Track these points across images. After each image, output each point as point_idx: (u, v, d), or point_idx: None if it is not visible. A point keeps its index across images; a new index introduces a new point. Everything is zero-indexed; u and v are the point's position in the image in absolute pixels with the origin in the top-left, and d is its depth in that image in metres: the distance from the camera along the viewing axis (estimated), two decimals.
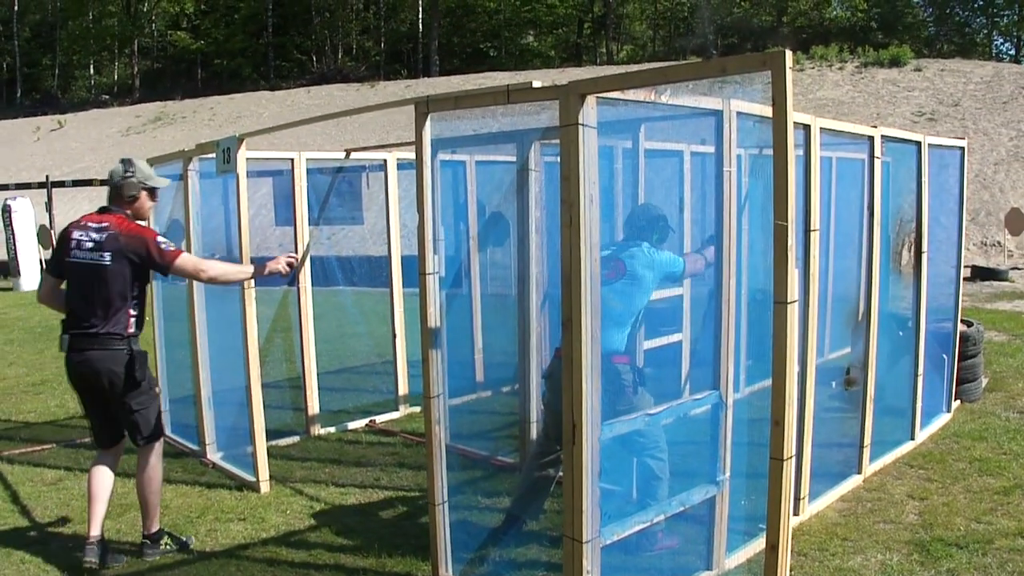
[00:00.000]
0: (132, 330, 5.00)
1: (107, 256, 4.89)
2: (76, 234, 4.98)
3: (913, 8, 48.84)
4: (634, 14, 56.75)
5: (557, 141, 3.71)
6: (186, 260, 5.11)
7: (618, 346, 4.85)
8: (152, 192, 5.24)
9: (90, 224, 5.00)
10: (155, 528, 5.24)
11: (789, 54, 2.99)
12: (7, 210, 21.98)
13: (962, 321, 7.93)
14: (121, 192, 5.09)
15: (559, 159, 3.66)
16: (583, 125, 3.50)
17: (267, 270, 5.48)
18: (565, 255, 3.59)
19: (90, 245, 4.92)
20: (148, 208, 5.26)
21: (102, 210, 5.11)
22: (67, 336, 5.00)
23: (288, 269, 5.53)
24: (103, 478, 5.11)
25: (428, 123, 4.36)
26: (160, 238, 5.04)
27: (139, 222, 5.13)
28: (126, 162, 5.16)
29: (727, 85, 4.18)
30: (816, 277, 5.05)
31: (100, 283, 4.90)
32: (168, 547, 5.24)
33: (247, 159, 6.12)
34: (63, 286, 5.13)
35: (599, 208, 3.59)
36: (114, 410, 5.07)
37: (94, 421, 5.22)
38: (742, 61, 3.18)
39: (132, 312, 4.99)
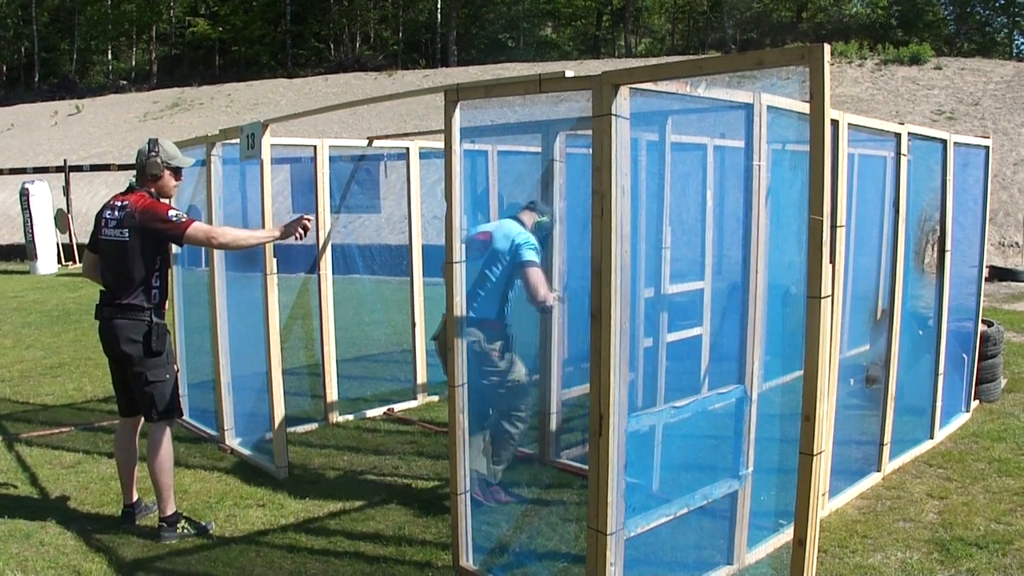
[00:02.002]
0: (154, 302, 5.25)
1: (126, 232, 5.15)
2: (106, 213, 5.27)
3: (933, 6, 48.54)
4: (653, 7, 56.53)
5: (584, 132, 3.70)
6: (198, 228, 5.27)
7: (489, 313, 5.40)
8: (176, 172, 5.44)
9: (115, 203, 5.27)
10: (170, 511, 5.29)
11: (827, 48, 2.96)
12: (25, 194, 22.07)
13: (982, 321, 7.89)
14: (145, 171, 5.31)
15: (583, 150, 3.65)
16: (616, 115, 3.49)
17: (281, 232, 5.52)
18: (595, 246, 3.58)
19: (113, 223, 5.20)
20: (172, 187, 5.46)
21: (129, 189, 5.34)
22: (100, 306, 5.30)
23: (303, 232, 5.58)
24: (122, 449, 5.51)
25: (457, 111, 4.36)
26: (172, 211, 5.24)
27: (162, 200, 5.36)
28: (151, 142, 5.36)
29: (746, 79, 4.16)
30: (841, 273, 5.05)
31: (123, 257, 5.17)
32: (185, 530, 5.27)
33: (271, 145, 6.13)
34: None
35: (630, 199, 3.58)
36: (131, 380, 5.30)
37: (116, 387, 5.52)
38: (780, 55, 3.15)
39: (154, 284, 5.25)
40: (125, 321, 5.17)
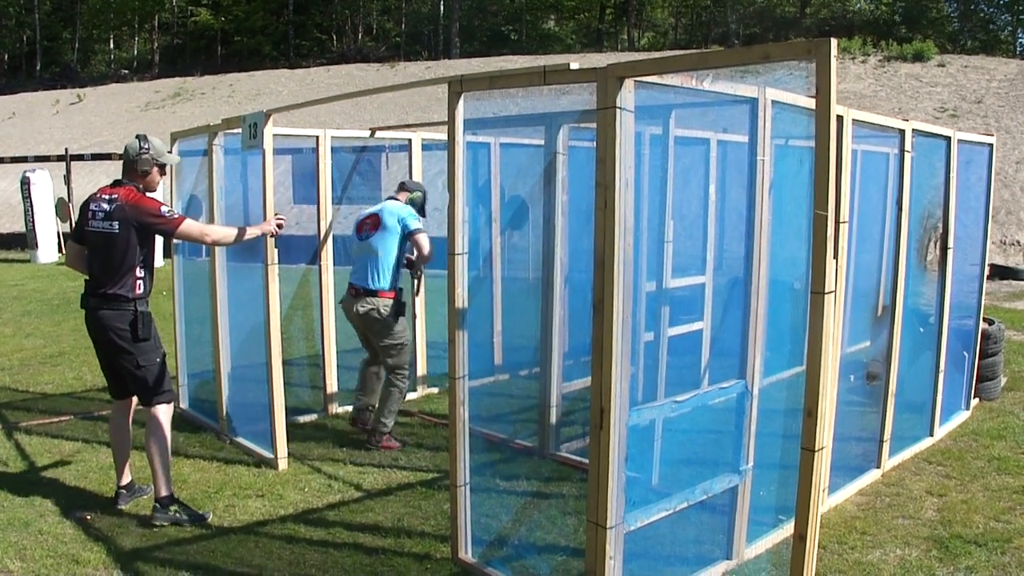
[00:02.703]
0: (139, 292, 5.38)
1: (115, 225, 5.26)
2: (93, 205, 5.38)
3: (937, 3, 48.43)
4: (656, 1, 56.35)
5: (589, 125, 3.69)
6: (191, 225, 5.49)
7: (384, 284, 6.61)
8: (162, 168, 5.61)
9: (103, 196, 5.38)
10: (164, 492, 5.34)
11: (835, 43, 2.95)
12: (26, 182, 22.03)
13: (983, 319, 7.88)
14: (135, 166, 5.46)
15: (586, 143, 3.64)
16: (620, 108, 3.48)
17: (260, 230, 5.89)
18: (599, 238, 3.57)
19: (102, 215, 5.31)
20: (157, 182, 5.62)
21: (116, 183, 5.48)
22: (85, 296, 5.42)
23: (277, 230, 5.95)
24: (116, 431, 5.68)
25: (461, 103, 4.34)
26: (164, 207, 5.41)
27: (149, 194, 5.48)
28: (141, 138, 5.54)
29: (750, 74, 4.14)
30: (843, 269, 5.04)
31: (110, 249, 5.29)
32: (177, 514, 5.30)
33: (273, 135, 6.12)
34: (85, 252, 5.51)
35: (633, 192, 3.57)
36: (120, 366, 5.43)
37: (105, 373, 5.69)
38: (786, 49, 3.14)
39: (139, 275, 5.36)
40: (110, 311, 5.30)
